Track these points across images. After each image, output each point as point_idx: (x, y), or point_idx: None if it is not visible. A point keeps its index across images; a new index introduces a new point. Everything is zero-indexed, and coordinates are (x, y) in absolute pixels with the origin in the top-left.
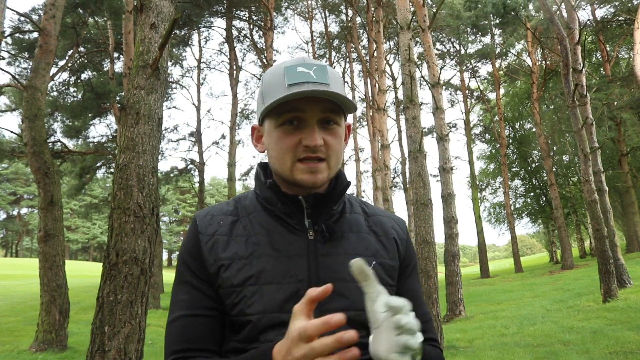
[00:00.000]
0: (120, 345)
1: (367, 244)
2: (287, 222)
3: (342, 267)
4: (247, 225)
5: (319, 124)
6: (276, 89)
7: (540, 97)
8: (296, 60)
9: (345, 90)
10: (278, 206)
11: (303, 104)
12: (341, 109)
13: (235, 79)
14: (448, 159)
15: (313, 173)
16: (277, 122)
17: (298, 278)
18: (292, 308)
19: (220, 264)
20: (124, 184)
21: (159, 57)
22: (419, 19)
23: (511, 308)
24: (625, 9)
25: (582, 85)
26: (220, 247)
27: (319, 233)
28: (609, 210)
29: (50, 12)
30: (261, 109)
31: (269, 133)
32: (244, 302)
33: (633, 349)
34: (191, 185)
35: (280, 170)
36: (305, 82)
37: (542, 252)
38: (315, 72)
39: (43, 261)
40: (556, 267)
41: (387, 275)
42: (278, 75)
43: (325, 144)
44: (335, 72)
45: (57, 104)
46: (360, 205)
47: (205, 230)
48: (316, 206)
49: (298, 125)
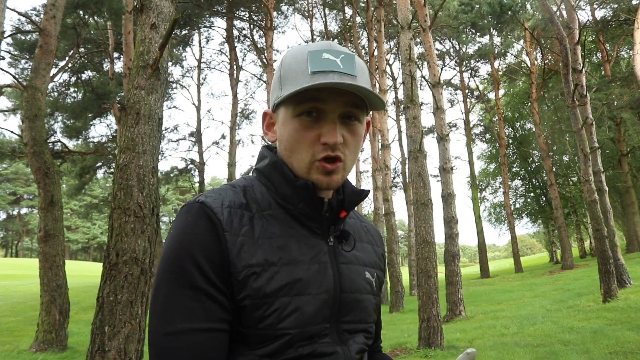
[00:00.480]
0: (120, 345)
1: (369, 254)
2: (307, 225)
3: (357, 277)
4: (266, 225)
5: (340, 118)
6: (297, 75)
7: (539, 97)
8: (321, 45)
9: (370, 83)
10: (300, 206)
11: (325, 95)
12: (365, 104)
13: (236, 79)
14: (448, 159)
15: (329, 175)
16: (295, 112)
17: (326, 288)
18: (320, 321)
19: (252, 271)
20: (124, 184)
21: (159, 57)
22: (419, 18)
23: (511, 308)
24: (625, 9)
25: (582, 85)
26: (248, 250)
27: (337, 239)
28: (609, 210)
29: (51, 12)
30: (277, 94)
31: (283, 122)
32: (276, 315)
33: (633, 349)
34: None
35: (295, 166)
36: (331, 72)
37: (542, 252)
38: (342, 61)
39: (43, 261)
40: (556, 267)
41: (378, 287)
42: (301, 60)
43: (344, 142)
44: (363, 63)
45: (57, 105)
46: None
47: (230, 228)
48: (334, 211)
49: (317, 118)
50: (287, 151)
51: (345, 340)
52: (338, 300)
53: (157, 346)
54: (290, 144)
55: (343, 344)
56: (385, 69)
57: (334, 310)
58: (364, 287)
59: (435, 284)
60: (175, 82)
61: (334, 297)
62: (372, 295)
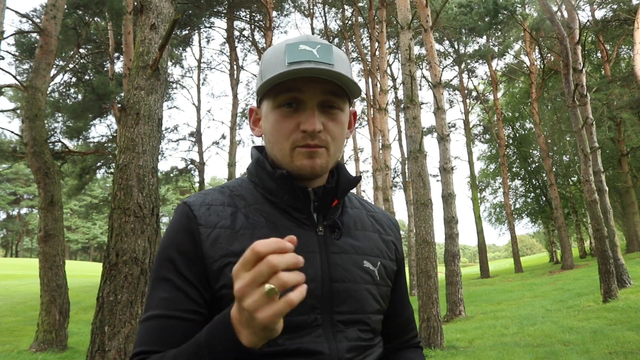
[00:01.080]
0: (120, 345)
1: (373, 243)
2: (293, 216)
3: (352, 266)
4: (250, 218)
5: (320, 107)
6: (275, 67)
7: (539, 97)
8: (299, 38)
9: (351, 73)
10: (284, 198)
11: (302, 84)
12: (345, 92)
13: (236, 79)
14: (449, 159)
15: (311, 158)
16: (275, 104)
17: (311, 277)
18: (303, 311)
19: (227, 261)
20: (124, 184)
21: (159, 57)
22: (421, 19)
23: (511, 308)
24: (625, 9)
25: (582, 85)
26: (225, 241)
27: (329, 228)
28: (609, 210)
29: (51, 12)
30: (258, 88)
31: (266, 115)
32: None
33: (633, 349)
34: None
35: (279, 156)
36: (306, 61)
37: (542, 252)
38: (318, 51)
39: (43, 261)
40: (556, 267)
41: (387, 277)
42: (279, 53)
43: (325, 129)
44: (342, 52)
45: (58, 105)
46: (357, 199)
47: (206, 222)
48: (323, 199)
49: (297, 108)
50: (270, 143)
51: (337, 333)
52: (328, 289)
53: (137, 333)
54: (272, 135)
55: (334, 340)
56: (385, 69)
57: (325, 300)
58: (361, 277)
59: (435, 284)
60: (175, 82)
61: (322, 287)
62: (373, 285)
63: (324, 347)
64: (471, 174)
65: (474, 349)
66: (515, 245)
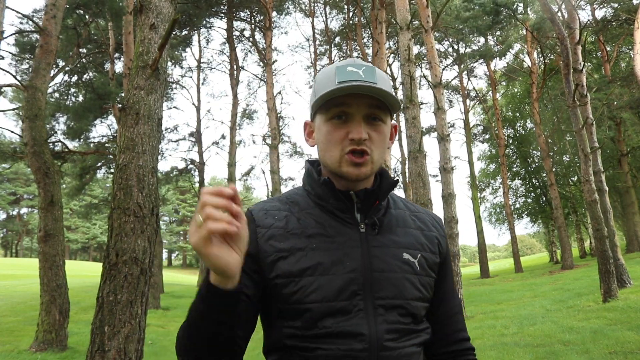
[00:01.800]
0: (120, 345)
1: (413, 238)
2: (339, 217)
3: (392, 258)
4: (302, 220)
5: (365, 119)
6: (327, 85)
7: (539, 97)
8: (347, 61)
9: (392, 90)
10: (330, 201)
11: (350, 100)
12: (387, 107)
13: (236, 79)
14: (449, 159)
15: (357, 166)
16: (327, 117)
17: (352, 268)
18: (346, 297)
19: (280, 255)
20: (124, 184)
21: (159, 57)
22: (422, 19)
23: (511, 308)
24: (625, 9)
25: (582, 85)
26: (278, 239)
27: (370, 226)
28: (609, 210)
29: (51, 12)
30: (312, 104)
31: (319, 127)
32: (302, 292)
33: (633, 349)
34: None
35: (328, 162)
36: (353, 80)
37: (542, 252)
38: (364, 72)
39: (43, 261)
40: (556, 267)
41: (429, 268)
42: (329, 74)
43: (369, 139)
44: (383, 73)
45: (59, 106)
46: (402, 202)
47: (262, 223)
48: (366, 201)
49: (345, 120)
50: (322, 151)
51: (378, 317)
52: (370, 278)
53: None
54: (324, 144)
55: (374, 323)
56: (385, 69)
57: (367, 288)
58: (400, 267)
59: None
60: (175, 83)
61: (363, 276)
62: (413, 274)
63: (364, 329)
64: (471, 174)
65: None
66: (515, 245)
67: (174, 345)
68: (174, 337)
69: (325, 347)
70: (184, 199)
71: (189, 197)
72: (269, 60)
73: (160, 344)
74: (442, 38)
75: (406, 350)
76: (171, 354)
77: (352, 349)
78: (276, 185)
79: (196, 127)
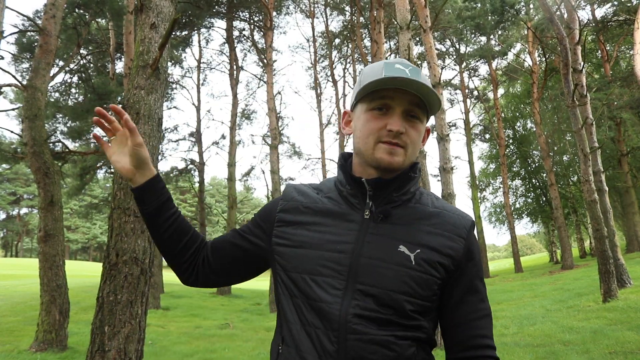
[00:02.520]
0: (120, 345)
1: (417, 234)
2: (350, 202)
3: (385, 247)
4: (322, 200)
5: (404, 114)
6: (374, 77)
7: (540, 96)
8: (395, 60)
9: (434, 91)
10: (346, 186)
11: (393, 94)
12: (426, 108)
13: (236, 79)
14: (448, 159)
15: (391, 154)
16: (369, 107)
17: (342, 249)
18: (328, 274)
19: (288, 223)
20: (124, 184)
21: (159, 57)
22: (420, 19)
23: (511, 308)
24: (625, 9)
25: (582, 85)
26: (293, 211)
27: (375, 214)
28: (609, 210)
29: (51, 11)
30: (356, 93)
31: (358, 116)
32: (296, 261)
33: (633, 349)
34: (191, 185)
35: (363, 149)
36: (399, 77)
37: (542, 252)
38: (410, 71)
39: (43, 261)
40: (556, 267)
41: (430, 266)
42: (377, 68)
43: (406, 133)
44: (426, 76)
45: (59, 106)
46: (430, 198)
47: (286, 197)
48: (379, 190)
49: (386, 112)
50: (359, 138)
51: (353, 300)
52: (356, 262)
53: None
54: (362, 131)
55: (349, 304)
56: None
57: (352, 270)
58: (391, 258)
59: None
60: (175, 83)
61: (350, 258)
62: (405, 268)
63: (336, 309)
64: (471, 173)
65: None
66: (515, 245)
67: (174, 345)
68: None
69: (304, 320)
70: (184, 199)
71: (189, 197)
72: (270, 60)
73: (160, 344)
74: (442, 38)
75: (380, 338)
76: (171, 354)
77: (323, 327)
78: (276, 185)
79: (196, 127)
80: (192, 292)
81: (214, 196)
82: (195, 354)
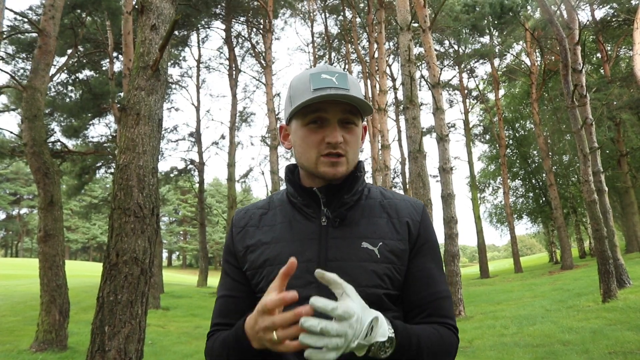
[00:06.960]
0: (120, 345)
1: (376, 228)
2: (305, 212)
3: (349, 247)
4: (274, 216)
5: (339, 123)
6: (303, 92)
7: (539, 97)
8: (320, 68)
9: (362, 95)
10: (298, 198)
11: (326, 106)
12: (359, 111)
13: (235, 79)
14: (448, 159)
15: (334, 166)
16: (304, 122)
17: (308, 258)
18: (301, 284)
19: (247, 250)
20: (124, 184)
21: (159, 58)
22: (419, 20)
23: (511, 308)
24: (625, 9)
25: (581, 86)
26: (249, 236)
27: (330, 219)
28: (609, 211)
29: (50, 13)
30: (289, 111)
31: (295, 132)
32: (264, 281)
33: (633, 349)
34: (191, 185)
35: (305, 164)
36: (328, 87)
37: (541, 252)
38: (337, 79)
39: (43, 261)
40: (556, 267)
41: (392, 254)
42: (304, 81)
43: (344, 141)
44: (354, 79)
45: (55, 104)
46: (379, 191)
47: (237, 224)
48: (331, 196)
49: (321, 125)
50: (300, 154)
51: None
52: (324, 267)
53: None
54: (302, 147)
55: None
56: (385, 70)
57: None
58: (357, 256)
59: None
60: (174, 83)
61: (317, 264)
62: (372, 262)
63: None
64: (471, 174)
65: (473, 349)
66: (515, 246)
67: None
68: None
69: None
70: (184, 199)
71: (189, 197)
72: (269, 62)
73: (160, 344)
74: (441, 38)
75: None
76: (171, 354)
77: None
78: (276, 185)
79: (196, 127)
80: (192, 292)
81: (214, 196)
82: (195, 354)
